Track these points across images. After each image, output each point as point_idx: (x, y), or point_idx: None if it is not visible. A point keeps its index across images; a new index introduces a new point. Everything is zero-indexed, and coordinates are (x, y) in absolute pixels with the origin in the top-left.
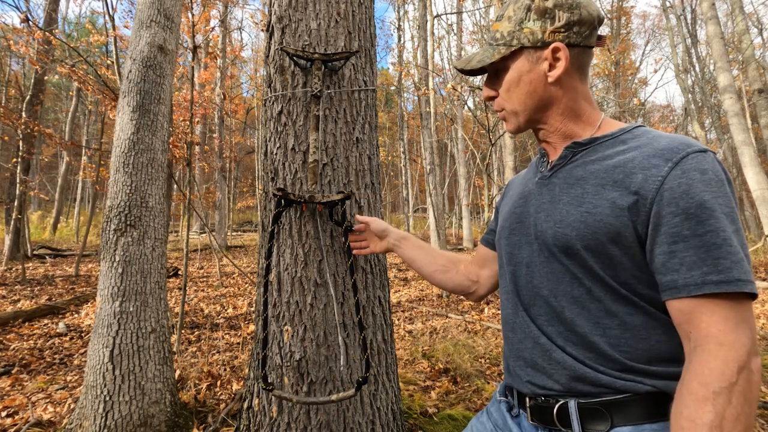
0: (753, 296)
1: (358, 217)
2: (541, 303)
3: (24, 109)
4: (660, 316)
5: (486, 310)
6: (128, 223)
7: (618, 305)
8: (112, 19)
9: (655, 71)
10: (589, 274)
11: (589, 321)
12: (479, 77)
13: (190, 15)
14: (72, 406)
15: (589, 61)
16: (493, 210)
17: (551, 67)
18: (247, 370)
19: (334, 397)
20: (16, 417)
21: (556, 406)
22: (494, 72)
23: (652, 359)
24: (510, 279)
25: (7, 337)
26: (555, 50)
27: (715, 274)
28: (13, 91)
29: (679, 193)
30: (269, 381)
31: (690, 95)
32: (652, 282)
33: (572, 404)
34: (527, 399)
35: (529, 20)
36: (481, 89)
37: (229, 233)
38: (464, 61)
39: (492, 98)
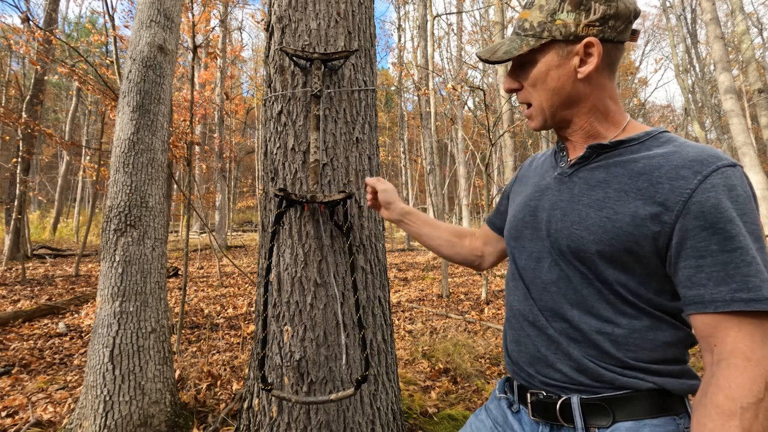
0: None
1: (368, 180)
2: (548, 299)
3: (24, 109)
4: (667, 319)
5: (486, 310)
6: (128, 223)
7: (626, 307)
8: (112, 19)
9: (655, 71)
10: (599, 277)
11: (597, 320)
12: (480, 74)
13: (190, 15)
14: (72, 406)
15: (620, 57)
16: (501, 193)
17: (582, 62)
18: (247, 370)
19: (333, 396)
20: (16, 417)
21: (559, 402)
22: (519, 64)
23: (656, 359)
24: (520, 269)
25: (7, 337)
26: (588, 45)
27: (745, 292)
28: (13, 91)
29: (707, 207)
30: (268, 381)
31: (690, 95)
32: (659, 289)
33: (575, 400)
34: (528, 394)
35: (562, 11)
36: (482, 90)
37: (229, 233)
38: (489, 51)
39: (514, 90)
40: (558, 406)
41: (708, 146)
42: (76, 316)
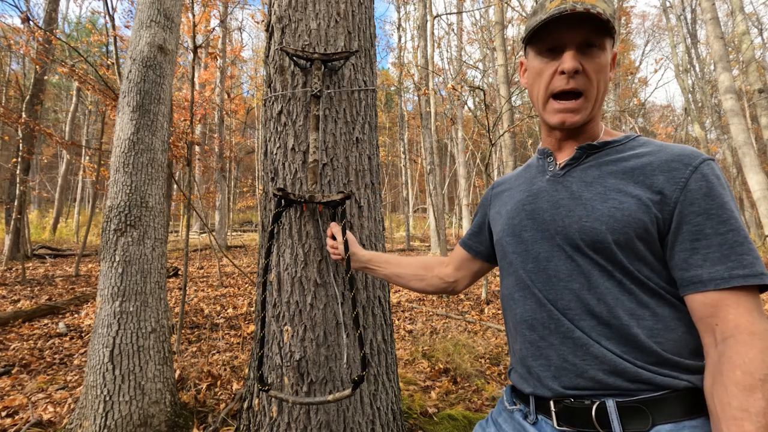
0: (764, 290)
1: (334, 229)
2: (571, 297)
3: (24, 109)
4: (683, 308)
5: (486, 310)
6: (128, 223)
7: (647, 296)
8: (112, 19)
9: (655, 71)
10: (618, 267)
11: (624, 312)
12: (480, 74)
13: (190, 15)
14: (72, 406)
15: None
16: (475, 212)
17: (611, 67)
18: (247, 370)
19: (330, 397)
20: (16, 417)
21: (594, 407)
22: (587, 45)
23: (682, 351)
24: (526, 276)
25: (7, 337)
26: (615, 56)
27: (741, 268)
28: (13, 91)
29: (700, 195)
30: (267, 381)
31: (690, 95)
32: (670, 278)
33: (611, 404)
34: (551, 403)
35: (614, 20)
36: (482, 90)
37: (229, 233)
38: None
39: (577, 72)
40: (594, 410)
41: (685, 145)
42: (76, 316)
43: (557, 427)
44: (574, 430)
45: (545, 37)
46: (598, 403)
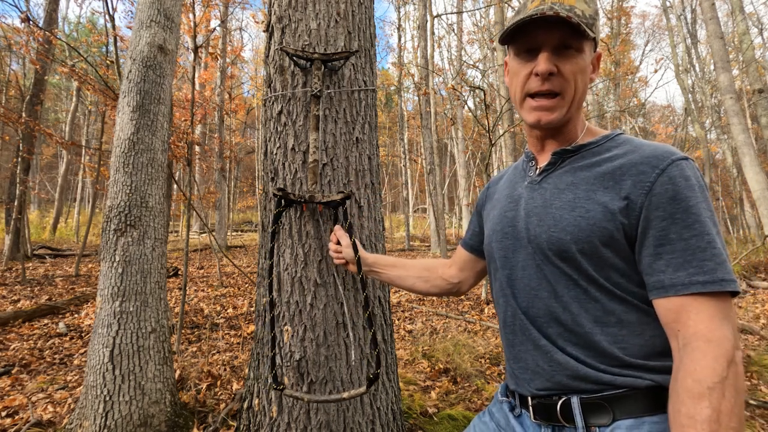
0: (735, 294)
1: (337, 232)
2: (540, 305)
3: (24, 109)
4: (652, 312)
5: (486, 310)
6: (128, 223)
7: (613, 304)
8: (113, 19)
9: (655, 71)
10: (584, 276)
11: (588, 320)
12: (480, 74)
13: (191, 15)
14: (72, 406)
15: None
16: (473, 212)
17: (593, 69)
18: (247, 370)
19: (345, 394)
20: (16, 417)
21: (559, 403)
22: (564, 47)
23: (649, 354)
24: (506, 282)
25: (7, 337)
26: (599, 57)
27: (701, 275)
28: (13, 91)
29: (666, 199)
30: (279, 381)
31: (690, 95)
32: (642, 281)
33: (575, 400)
34: (529, 399)
35: (598, 21)
36: (482, 89)
37: (229, 233)
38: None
39: (551, 74)
40: (558, 406)
41: (662, 144)
42: (76, 316)
43: (534, 421)
44: (546, 423)
45: (522, 38)
46: (563, 399)
